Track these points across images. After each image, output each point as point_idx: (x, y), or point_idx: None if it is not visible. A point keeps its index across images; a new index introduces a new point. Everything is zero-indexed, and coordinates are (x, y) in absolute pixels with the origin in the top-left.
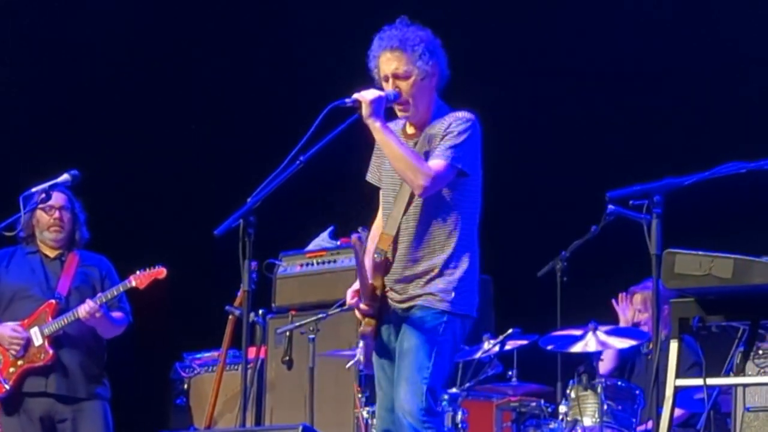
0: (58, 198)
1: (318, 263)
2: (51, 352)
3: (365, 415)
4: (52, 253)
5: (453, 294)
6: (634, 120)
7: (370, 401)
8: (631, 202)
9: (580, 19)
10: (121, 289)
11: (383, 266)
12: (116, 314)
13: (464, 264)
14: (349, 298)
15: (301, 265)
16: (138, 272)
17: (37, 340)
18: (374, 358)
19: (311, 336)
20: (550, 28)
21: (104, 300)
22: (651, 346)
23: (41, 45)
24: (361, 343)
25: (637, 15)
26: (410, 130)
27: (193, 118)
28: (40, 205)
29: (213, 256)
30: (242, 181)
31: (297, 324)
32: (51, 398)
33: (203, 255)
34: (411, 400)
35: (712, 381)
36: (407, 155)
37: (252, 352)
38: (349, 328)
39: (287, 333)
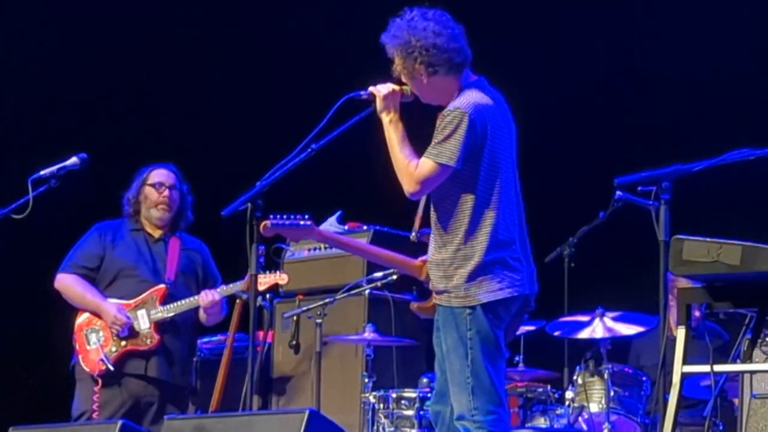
0: (168, 176)
1: (326, 248)
2: (157, 337)
3: (372, 399)
4: (155, 233)
5: (464, 289)
6: (643, 105)
7: (376, 386)
8: (639, 188)
9: (593, 2)
10: (240, 287)
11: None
12: None
13: (477, 252)
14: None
15: (309, 250)
16: (262, 272)
17: (144, 323)
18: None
19: (318, 320)
20: (561, 13)
21: (224, 293)
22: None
23: (49, 26)
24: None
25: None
26: None
27: (203, 100)
28: (149, 182)
29: (221, 239)
30: (251, 166)
31: (304, 308)
32: (147, 381)
33: (211, 239)
34: (460, 405)
35: (719, 368)
36: (402, 159)
37: (259, 336)
38: (357, 312)
39: (294, 317)
